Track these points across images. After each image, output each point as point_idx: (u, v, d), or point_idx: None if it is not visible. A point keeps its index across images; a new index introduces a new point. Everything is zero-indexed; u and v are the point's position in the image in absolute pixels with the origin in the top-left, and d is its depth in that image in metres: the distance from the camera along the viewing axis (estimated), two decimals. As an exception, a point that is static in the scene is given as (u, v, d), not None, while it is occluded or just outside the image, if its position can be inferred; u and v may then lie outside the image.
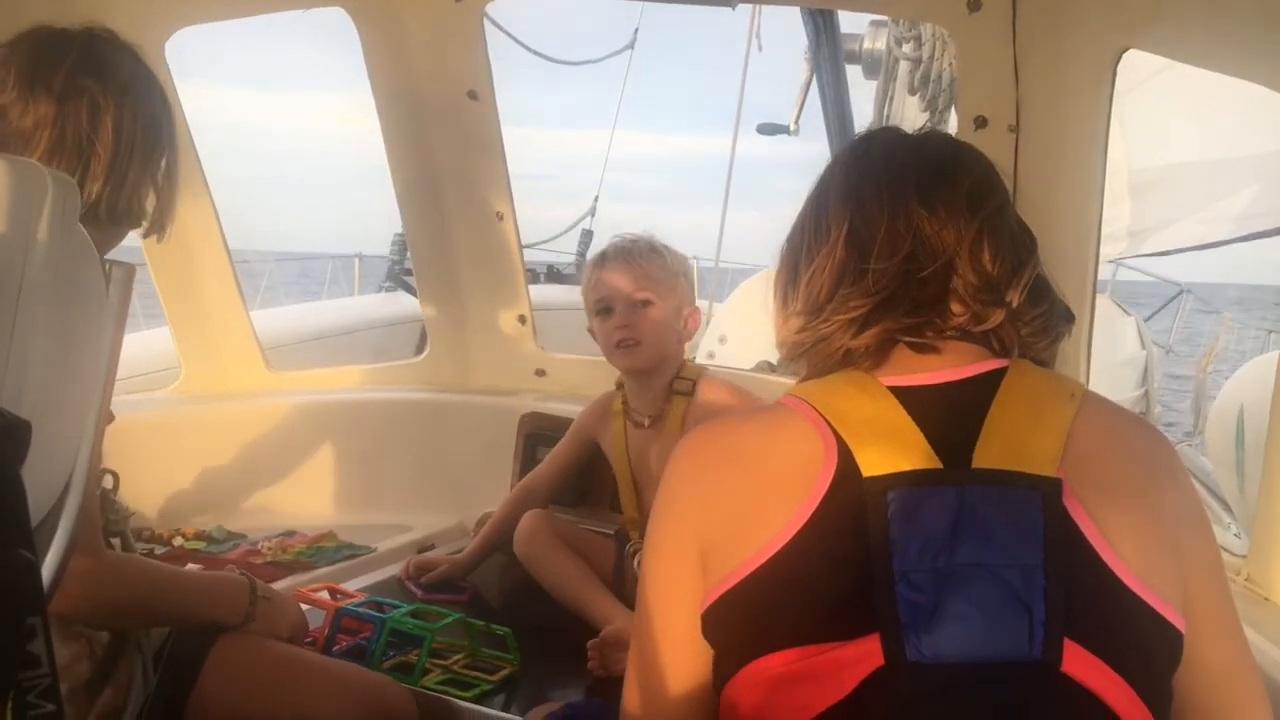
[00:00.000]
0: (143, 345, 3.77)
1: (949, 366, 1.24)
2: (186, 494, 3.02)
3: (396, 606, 2.23)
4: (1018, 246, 1.28)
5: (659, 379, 2.50)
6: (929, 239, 1.25)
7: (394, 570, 2.69)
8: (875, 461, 1.16)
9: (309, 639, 2.08)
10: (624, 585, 2.46)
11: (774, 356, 5.01)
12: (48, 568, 0.88)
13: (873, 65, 5.36)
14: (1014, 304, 1.24)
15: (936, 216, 1.26)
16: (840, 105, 5.30)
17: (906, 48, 4.59)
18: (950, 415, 1.20)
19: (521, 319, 3.35)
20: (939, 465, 1.16)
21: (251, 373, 3.33)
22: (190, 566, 2.55)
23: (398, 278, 5.82)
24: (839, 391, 1.24)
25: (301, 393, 3.35)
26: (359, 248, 8.16)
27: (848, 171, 1.34)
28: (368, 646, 2.13)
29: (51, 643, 0.72)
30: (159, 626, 1.81)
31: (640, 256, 2.47)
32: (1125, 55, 2.29)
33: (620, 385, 2.59)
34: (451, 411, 3.28)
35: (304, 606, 2.10)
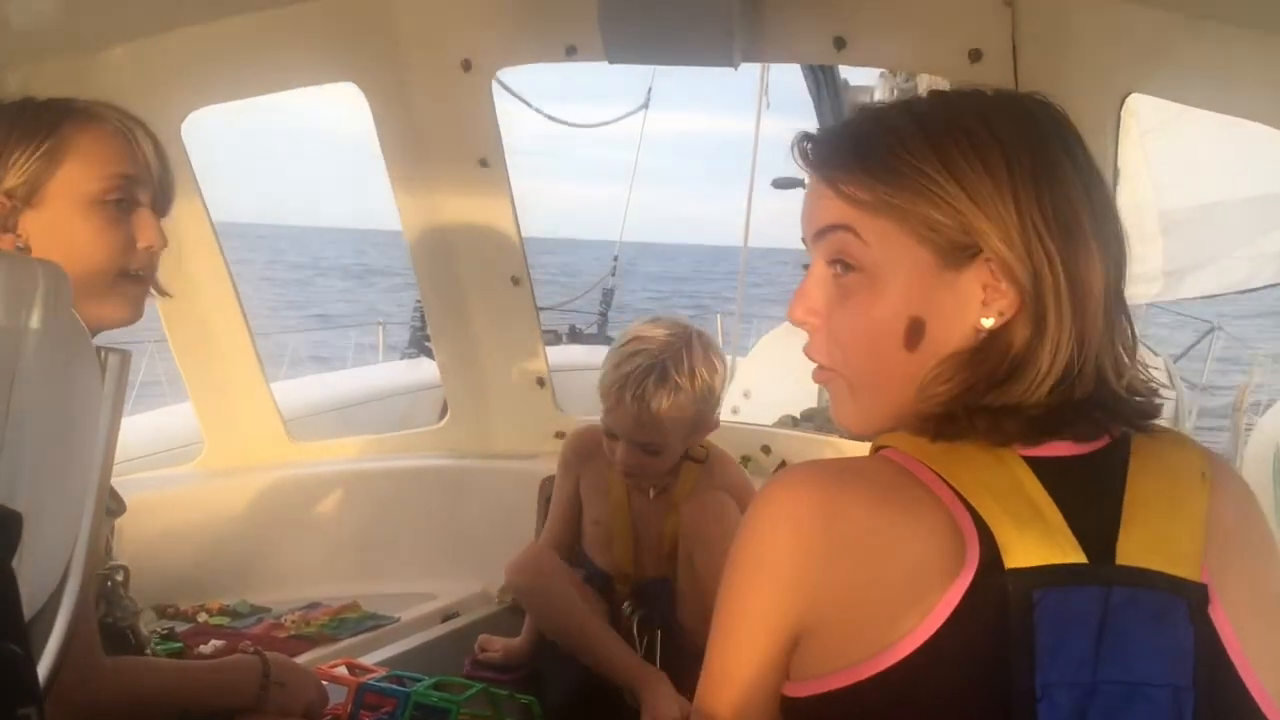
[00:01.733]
0: (170, 420, 3.81)
1: (1073, 436, 1.08)
2: (211, 568, 3.02)
3: (418, 679, 2.22)
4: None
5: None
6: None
7: (419, 640, 2.68)
8: (1019, 551, 0.99)
9: (328, 716, 2.07)
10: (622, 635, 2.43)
11: (798, 410, 5.01)
12: (48, 656, 0.88)
13: (885, 117, 5.38)
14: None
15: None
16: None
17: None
18: (1084, 496, 1.04)
19: (540, 382, 3.36)
20: (1084, 559, 1.00)
21: (274, 444, 3.34)
22: (213, 643, 2.55)
23: (419, 343, 5.86)
24: (966, 456, 1.05)
25: (323, 463, 3.36)
26: (382, 315, 8.21)
27: (1069, 150, 1.11)
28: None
29: (44, 735, 0.71)
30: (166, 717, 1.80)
31: (658, 402, 2.28)
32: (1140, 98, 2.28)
33: None
34: (472, 477, 3.27)
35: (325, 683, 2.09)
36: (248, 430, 3.29)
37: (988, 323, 1.08)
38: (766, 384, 5.78)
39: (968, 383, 1.08)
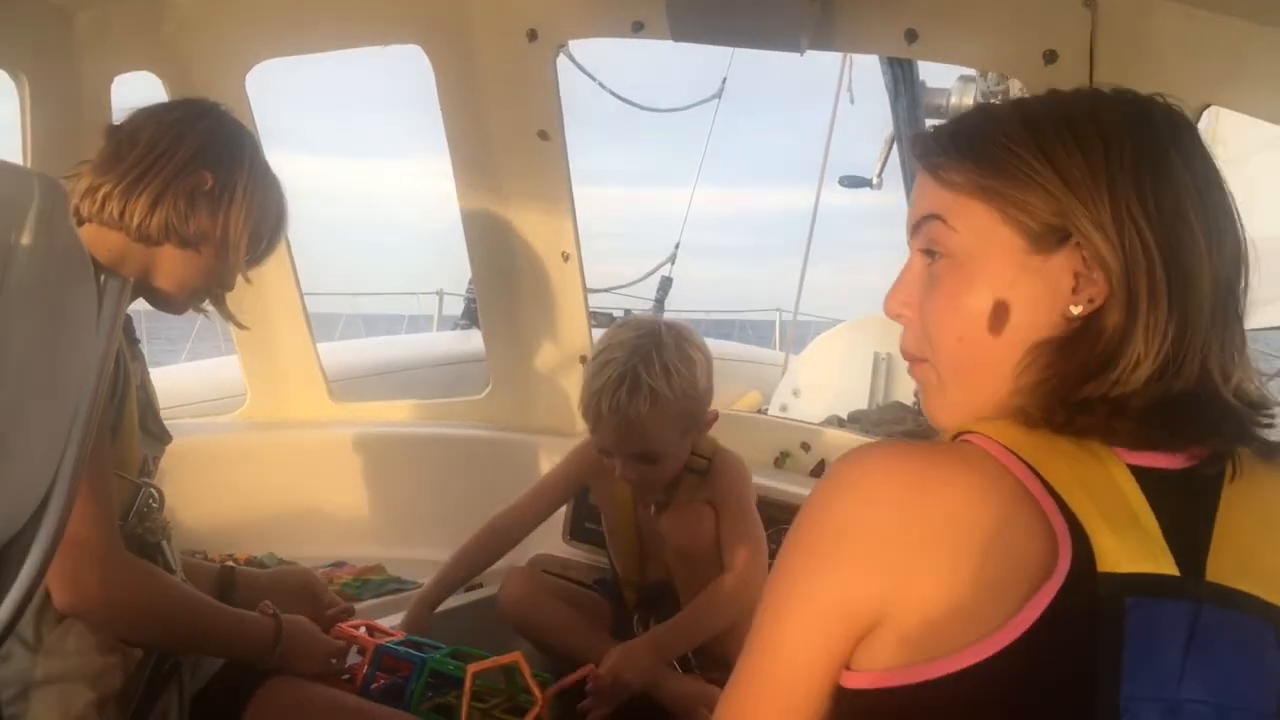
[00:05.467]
0: (220, 370, 3.85)
1: (1175, 443, 1.02)
2: (242, 519, 3.04)
3: (436, 647, 2.20)
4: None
5: None
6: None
7: (440, 607, 2.66)
8: (1114, 556, 0.94)
9: (346, 675, 2.07)
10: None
11: (844, 411, 4.94)
12: (23, 579, 0.86)
13: (959, 121, 5.29)
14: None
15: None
16: (920, 159, 5.23)
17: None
18: (1181, 509, 0.99)
19: (583, 359, 3.33)
20: (1176, 571, 0.95)
21: (315, 402, 3.36)
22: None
23: (473, 315, 5.85)
24: (1063, 451, 1.00)
25: (361, 424, 3.37)
26: (441, 285, 8.23)
27: (1181, 147, 1.06)
28: (406, 687, 2.11)
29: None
30: (176, 648, 1.82)
31: (636, 409, 2.18)
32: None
33: None
34: (508, 450, 3.26)
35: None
36: (291, 386, 3.32)
37: (1076, 309, 1.03)
38: (817, 384, 5.71)
39: (1061, 372, 1.02)
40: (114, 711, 1.73)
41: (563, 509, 2.85)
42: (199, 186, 1.84)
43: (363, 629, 2.29)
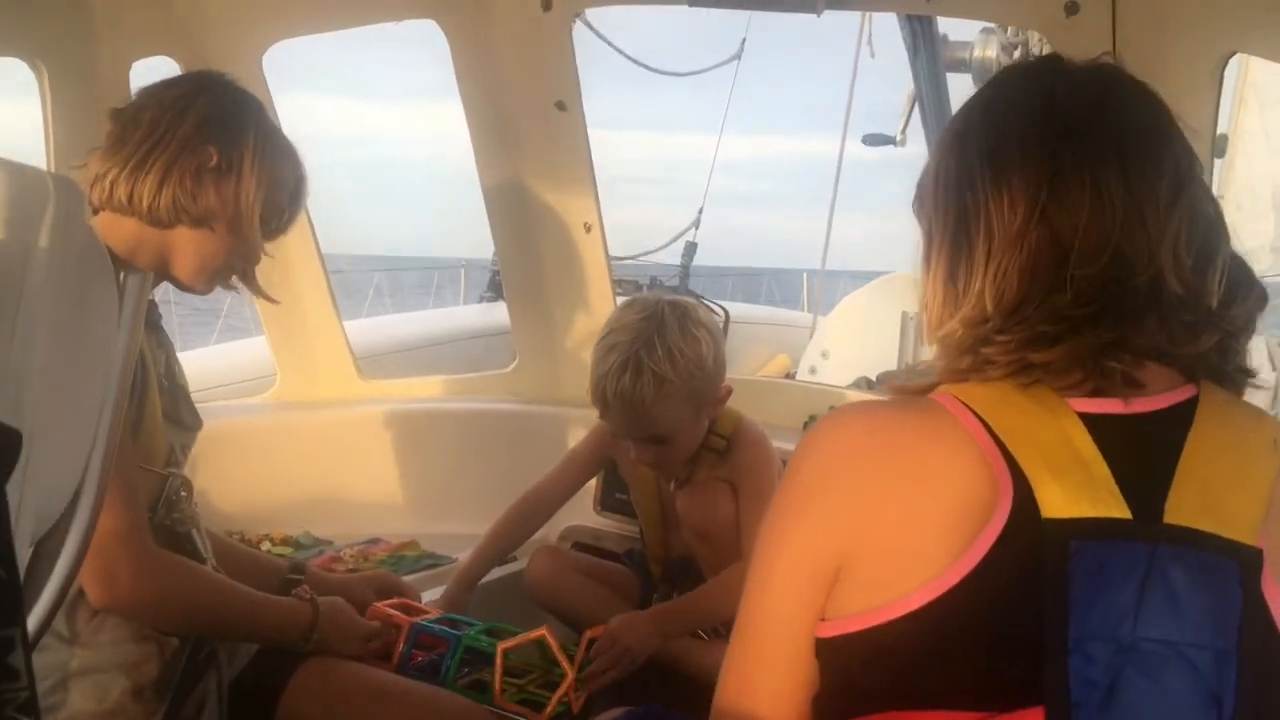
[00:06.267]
0: (250, 351, 3.87)
1: (1142, 394, 1.04)
2: (277, 499, 3.07)
3: (471, 624, 2.22)
4: (1210, 231, 1.08)
5: None
6: (1135, 236, 1.03)
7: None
8: (1057, 501, 0.97)
9: (384, 654, 2.09)
10: None
11: (873, 373, 4.92)
12: (58, 575, 0.87)
13: (983, 74, 5.23)
14: (1213, 306, 1.05)
15: (1140, 205, 1.03)
16: (941, 115, 5.18)
17: (1017, 54, 4.47)
18: (1140, 454, 1.01)
19: (609, 331, 3.33)
20: (1128, 514, 0.97)
21: (344, 381, 3.38)
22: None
23: (499, 287, 5.86)
24: (1015, 405, 1.03)
25: (391, 401, 3.39)
26: (467, 254, 8.23)
27: (1029, 121, 1.08)
28: (441, 664, 2.12)
29: (30, 655, 0.71)
30: (211, 636, 1.84)
31: (640, 394, 2.17)
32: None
33: None
34: (537, 423, 3.27)
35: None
36: (320, 366, 3.33)
37: None
38: (846, 345, 5.68)
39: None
40: (151, 699, 1.75)
41: (593, 480, 2.86)
42: (204, 163, 1.80)
43: (399, 608, 2.31)
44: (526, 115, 3.02)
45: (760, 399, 3.15)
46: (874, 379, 4.70)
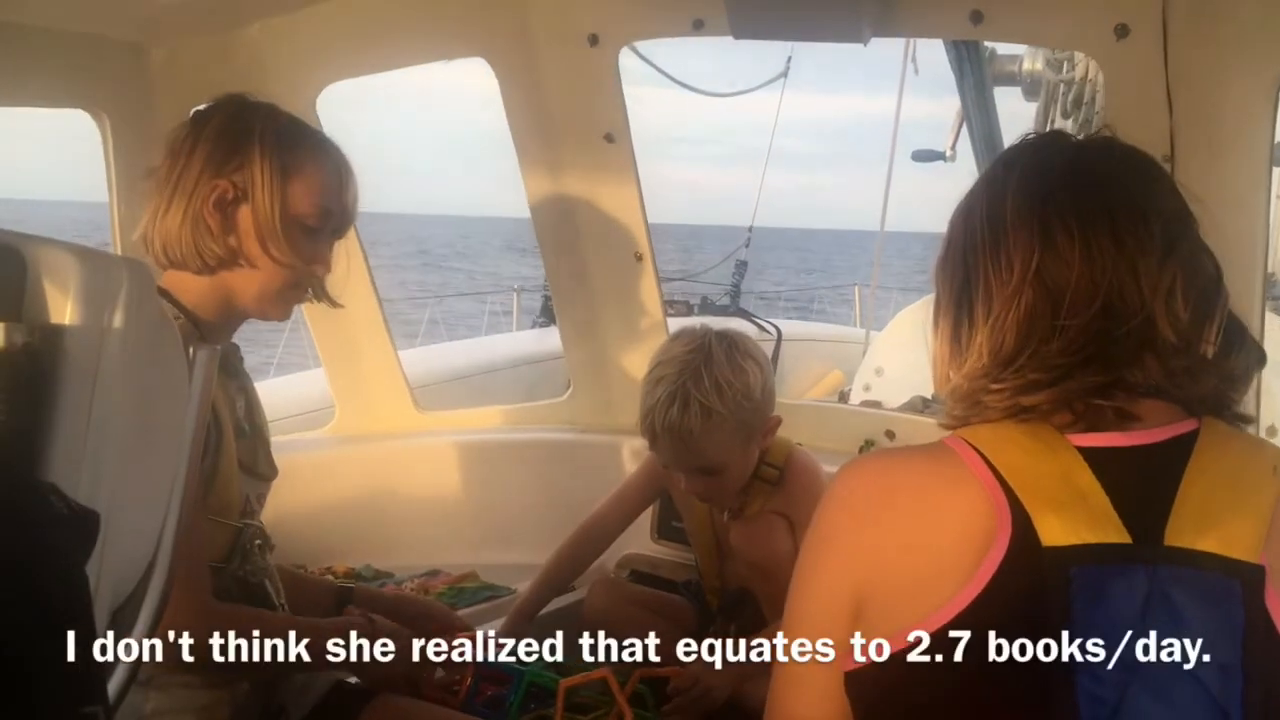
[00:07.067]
0: (309, 385, 3.93)
1: (1140, 427, 1.10)
2: (338, 532, 3.11)
3: (533, 651, 2.22)
4: (1208, 288, 1.14)
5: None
6: (1125, 289, 1.10)
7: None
8: (1056, 530, 1.03)
9: (454, 688, 2.10)
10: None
11: (928, 391, 4.88)
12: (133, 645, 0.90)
13: (1033, 87, 5.20)
14: (1209, 355, 1.11)
15: (1132, 261, 1.10)
16: (989, 131, 5.15)
17: (1064, 69, 4.44)
18: (1140, 483, 1.06)
19: (662, 359, 3.34)
20: (1128, 539, 1.03)
21: (401, 413, 3.42)
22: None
23: (551, 313, 5.90)
24: (1015, 442, 1.10)
25: (447, 432, 3.42)
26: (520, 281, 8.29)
27: (1026, 191, 1.17)
28: (505, 699, 2.13)
29: (112, 731, 0.73)
30: (273, 673, 1.86)
31: (688, 427, 2.18)
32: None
33: None
34: (593, 451, 3.28)
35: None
36: (377, 399, 3.38)
37: None
38: (900, 361, 5.64)
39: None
40: None
41: (650, 508, 2.87)
42: (222, 199, 1.76)
43: (464, 643, 2.32)
44: (575, 148, 3.05)
45: (816, 424, 3.15)
46: (929, 397, 4.67)
